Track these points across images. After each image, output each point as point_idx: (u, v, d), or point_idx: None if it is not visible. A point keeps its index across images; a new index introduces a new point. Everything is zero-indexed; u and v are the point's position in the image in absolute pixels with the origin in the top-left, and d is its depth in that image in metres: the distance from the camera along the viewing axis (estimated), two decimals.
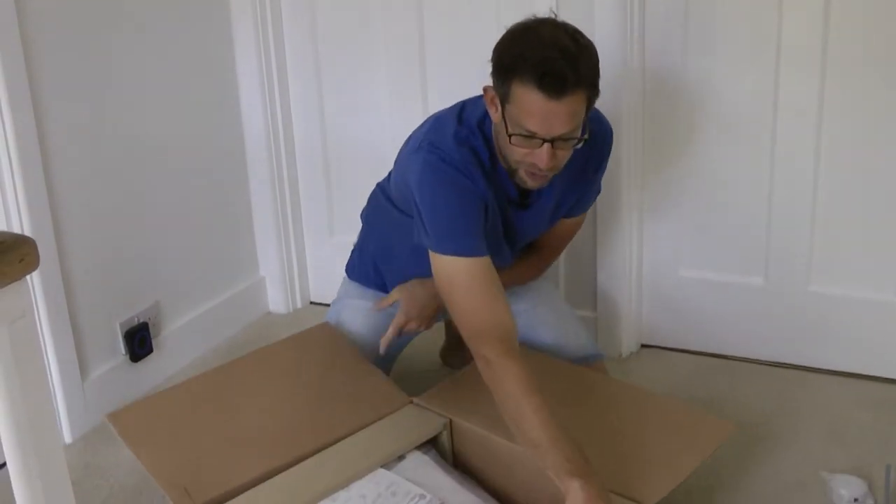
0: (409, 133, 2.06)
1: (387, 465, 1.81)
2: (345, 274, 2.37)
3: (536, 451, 1.65)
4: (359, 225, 2.37)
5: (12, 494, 1.11)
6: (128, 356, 2.52)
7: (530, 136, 1.72)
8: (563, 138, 1.73)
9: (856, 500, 1.93)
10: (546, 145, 1.71)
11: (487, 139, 1.88)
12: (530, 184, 1.84)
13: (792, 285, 2.51)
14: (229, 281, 2.93)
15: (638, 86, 2.47)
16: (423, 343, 2.43)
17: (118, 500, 2.11)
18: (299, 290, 3.08)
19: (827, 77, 2.31)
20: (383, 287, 2.25)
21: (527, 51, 1.69)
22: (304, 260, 3.09)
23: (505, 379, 1.70)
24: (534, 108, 1.68)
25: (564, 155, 1.77)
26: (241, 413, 1.91)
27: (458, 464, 1.93)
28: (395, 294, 2.15)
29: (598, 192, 2.22)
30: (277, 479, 1.75)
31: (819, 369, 2.53)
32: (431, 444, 1.92)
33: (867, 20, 2.25)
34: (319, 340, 2.17)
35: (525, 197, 1.97)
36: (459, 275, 1.81)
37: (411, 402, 1.98)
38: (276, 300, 3.07)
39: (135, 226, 2.53)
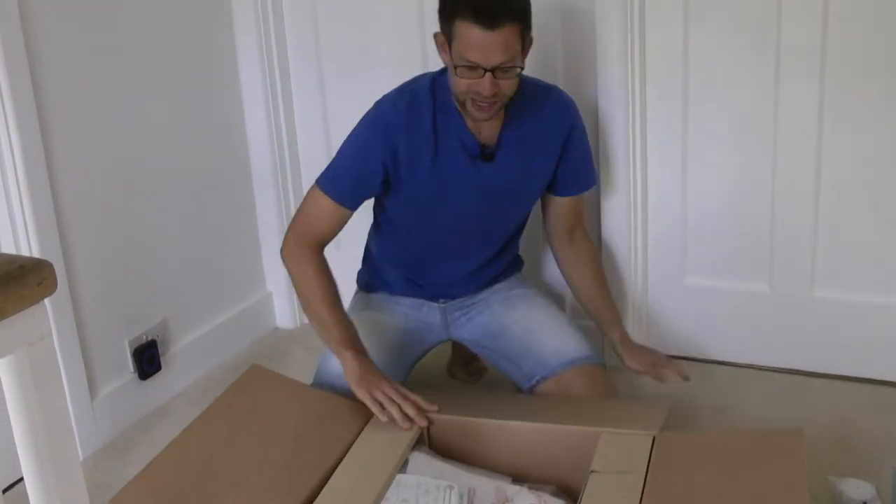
0: None
1: (402, 470, 1.87)
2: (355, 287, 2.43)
3: (321, 328, 2.10)
4: (364, 237, 2.40)
5: None
6: (136, 374, 2.54)
7: (473, 66, 1.93)
8: (501, 68, 1.93)
9: (864, 503, 1.94)
10: (488, 74, 1.93)
11: (436, 91, 2.09)
12: (478, 115, 2.01)
13: (796, 291, 2.52)
14: (236, 297, 2.94)
15: (638, 93, 2.49)
16: (432, 358, 2.44)
17: None
18: None
19: (827, 83, 2.33)
20: (387, 285, 2.32)
21: None
22: None
23: (306, 265, 2.13)
24: (472, 41, 1.91)
25: (507, 84, 1.97)
26: (233, 465, 1.87)
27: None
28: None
29: (593, 179, 2.35)
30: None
31: (824, 374, 2.54)
32: (418, 443, 1.97)
33: (866, 25, 2.27)
34: (260, 382, 2.15)
35: (485, 148, 2.12)
36: (312, 198, 2.16)
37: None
38: (284, 315, 3.08)
39: (142, 243, 2.54)
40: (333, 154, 2.89)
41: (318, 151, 2.94)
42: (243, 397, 2.09)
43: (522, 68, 1.99)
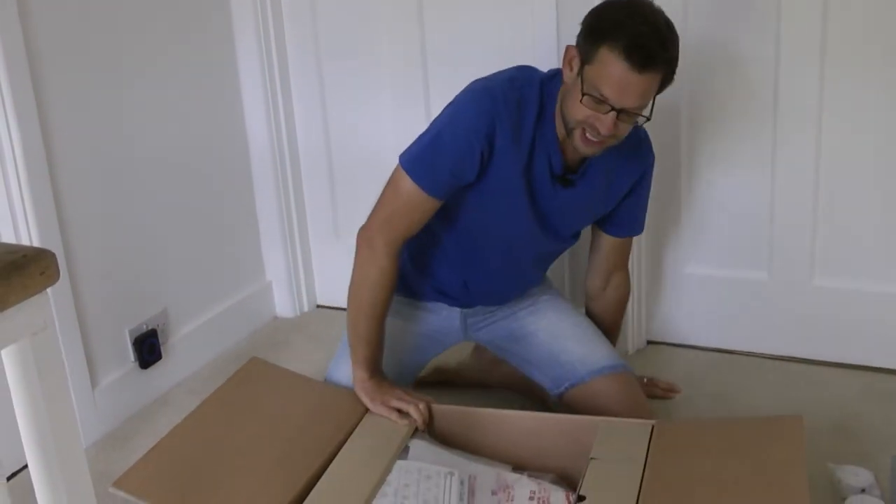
0: (412, 135, 2.05)
1: (402, 456, 1.89)
2: None
3: (352, 333, 2.01)
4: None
5: (34, 500, 1.13)
6: (137, 363, 2.54)
7: (602, 100, 1.80)
8: (629, 111, 1.81)
9: (862, 490, 1.94)
10: (612, 113, 1.80)
11: (543, 98, 1.95)
12: (582, 148, 1.89)
13: (796, 279, 2.53)
14: (236, 286, 2.95)
15: None
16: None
17: None
18: (306, 293, 3.10)
19: (826, 70, 2.33)
20: (410, 291, 2.24)
21: (625, 20, 1.78)
22: (310, 263, 3.10)
23: (373, 265, 1.99)
24: (613, 76, 1.77)
25: (625, 129, 1.86)
26: (235, 451, 1.88)
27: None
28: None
29: (642, 225, 2.25)
30: (317, 491, 1.76)
31: (824, 362, 2.55)
32: (417, 431, 1.99)
33: (867, 12, 2.26)
34: (259, 374, 2.16)
35: (570, 172, 2.01)
36: (401, 184, 1.96)
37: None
38: (283, 304, 3.09)
39: (142, 233, 2.54)
40: (332, 143, 2.93)
41: (316, 141, 2.95)
42: (243, 387, 2.09)
43: (648, 119, 1.87)
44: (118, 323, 2.49)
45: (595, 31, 1.80)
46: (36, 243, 2.18)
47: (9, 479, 2.17)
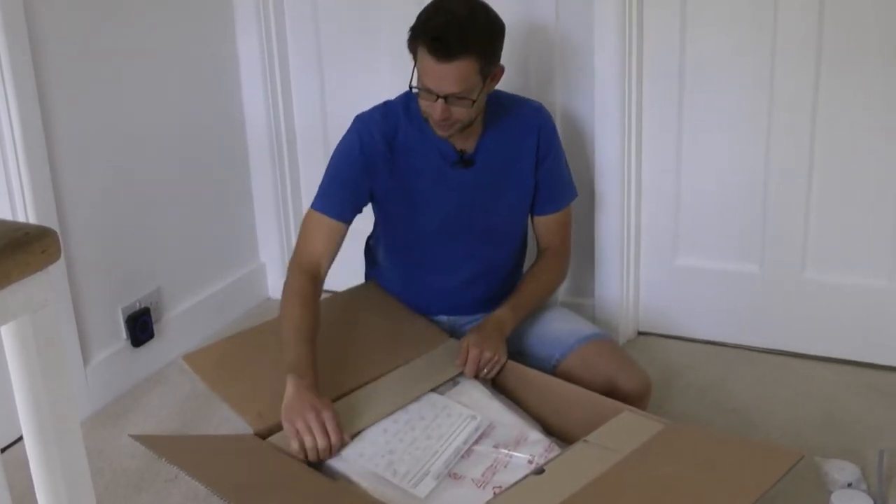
0: None
1: (442, 391, 1.99)
2: None
3: (283, 343, 1.96)
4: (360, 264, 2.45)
5: (28, 473, 1.14)
6: (129, 341, 2.55)
7: (427, 91, 1.96)
8: (455, 96, 1.95)
9: (849, 484, 1.96)
10: (440, 101, 1.95)
11: (409, 101, 2.12)
12: (438, 132, 2.04)
13: (787, 273, 2.54)
14: (229, 267, 2.95)
15: (634, 75, 2.49)
16: None
17: (120, 484, 2.13)
18: None
19: (822, 64, 2.34)
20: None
21: (429, 17, 1.96)
22: None
23: (293, 296, 2.04)
24: (427, 69, 1.94)
25: (460, 112, 1.98)
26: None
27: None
28: None
29: (571, 193, 2.29)
30: (343, 402, 1.91)
31: (813, 356, 2.56)
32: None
33: (862, 11, 2.27)
34: (364, 294, 2.29)
35: (463, 154, 2.13)
36: (307, 220, 2.15)
37: (452, 338, 2.19)
38: (276, 286, 3.07)
39: (137, 212, 2.54)
40: (329, 125, 2.94)
41: (314, 122, 2.94)
42: (342, 301, 2.26)
43: (475, 101, 1.97)
44: (111, 301, 2.50)
45: (413, 32, 1.98)
46: (32, 220, 2.18)
47: (2, 451, 2.18)
